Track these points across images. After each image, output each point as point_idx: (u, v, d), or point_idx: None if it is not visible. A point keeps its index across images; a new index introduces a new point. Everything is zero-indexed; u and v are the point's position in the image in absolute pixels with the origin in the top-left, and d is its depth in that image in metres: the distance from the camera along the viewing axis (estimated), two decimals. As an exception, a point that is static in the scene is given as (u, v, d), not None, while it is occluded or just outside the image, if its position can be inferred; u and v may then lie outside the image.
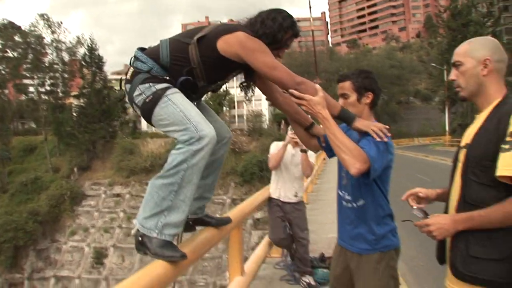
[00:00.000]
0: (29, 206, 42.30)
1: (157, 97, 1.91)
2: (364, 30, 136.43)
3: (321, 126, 2.13)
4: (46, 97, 53.39)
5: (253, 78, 2.21)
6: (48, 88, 53.57)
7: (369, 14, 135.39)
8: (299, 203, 5.02)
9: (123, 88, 2.12)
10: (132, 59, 2.07)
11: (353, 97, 2.26)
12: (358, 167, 1.98)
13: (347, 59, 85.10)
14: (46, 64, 52.95)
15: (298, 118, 2.39)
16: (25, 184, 46.11)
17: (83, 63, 51.80)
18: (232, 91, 64.61)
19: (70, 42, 54.65)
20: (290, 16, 2.07)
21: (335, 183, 8.89)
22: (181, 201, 1.88)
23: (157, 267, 1.71)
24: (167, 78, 1.98)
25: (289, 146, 4.86)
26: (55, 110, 51.65)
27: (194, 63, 1.98)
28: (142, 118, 2.06)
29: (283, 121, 52.88)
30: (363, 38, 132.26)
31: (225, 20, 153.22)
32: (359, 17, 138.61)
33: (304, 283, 4.74)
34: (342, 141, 2.00)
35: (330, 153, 2.35)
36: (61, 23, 53.20)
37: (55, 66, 53.70)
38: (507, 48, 42.55)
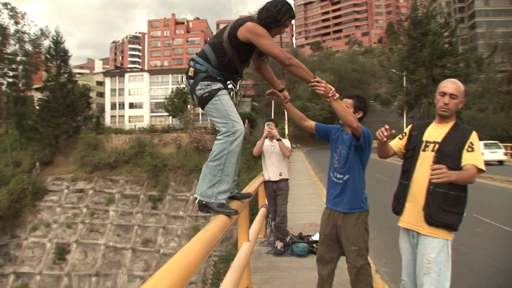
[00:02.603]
0: (-12, 201, 41.29)
1: (211, 95, 2.74)
2: (328, 34, 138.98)
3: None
4: (7, 89, 51.89)
5: (261, 54, 3.08)
6: (9, 80, 52.10)
7: (334, 18, 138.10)
8: (283, 182, 6.41)
9: (185, 82, 2.95)
10: (192, 62, 2.83)
11: (351, 110, 3.37)
12: (357, 123, 3.12)
13: (310, 62, 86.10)
14: (8, 56, 51.45)
15: (272, 83, 3.24)
16: (-17, 178, 45.01)
17: (47, 56, 50.81)
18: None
19: (34, 34, 53.36)
20: (288, 3, 2.83)
21: (300, 180, 10.40)
22: (226, 175, 2.74)
23: (220, 218, 2.49)
24: (220, 78, 2.78)
25: (267, 140, 6.42)
26: (16, 102, 50.28)
27: (230, 53, 2.75)
28: (198, 106, 2.88)
29: (246, 121, 53.78)
30: (327, 41, 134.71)
31: (190, 17, 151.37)
32: (323, 21, 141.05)
33: (275, 246, 6.15)
34: (347, 110, 3.10)
35: (318, 136, 3.69)
36: (25, 14, 51.99)
37: (18, 58, 52.35)
38: (461, 58, 45.11)
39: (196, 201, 2.79)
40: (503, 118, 36.05)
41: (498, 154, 24.47)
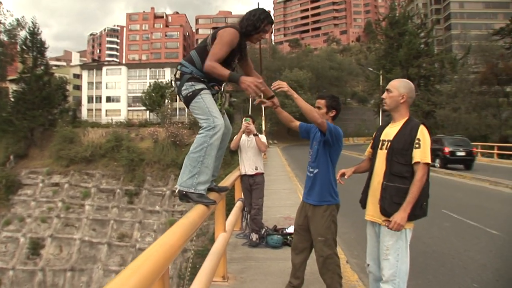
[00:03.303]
0: (-41, 194, 40.54)
1: (195, 94, 2.95)
2: (307, 31, 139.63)
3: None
4: (-20, 81, 50.67)
5: (242, 58, 3.25)
6: (-18, 70, 50.71)
7: (313, 15, 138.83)
8: (259, 176, 6.68)
9: (173, 84, 3.16)
10: (179, 66, 3.07)
11: (324, 110, 3.69)
12: (321, 119, 3.38)
13: (289, 58, 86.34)
14: (-19, 46, 50.20)
15: (264, 91, 3.38)
16: (-45, 171, 43.99)
17: (23, 47, 49.81)
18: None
19: (10, 24, 52.26)
20: (265, 11, 3.10)
21: (276, 175, 10.80)
22: (206, 167, 2.92)
23: (200, 208, 2.67)
24: (203, 80, 2.99)
25: (244, 135, 6.71)
26: (-10, 94, 49.21)
27: None
28: (183, 102, 3.03)
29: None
30: (305, 39, 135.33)
31: (169, 11, 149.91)
32: (302, 18, 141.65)
33: (250, 238, 6.40)
34: (310, 108, 3.37)
35: (301, 134, 3.96)
36: (1, 3, 50.95)
37: (-9, 48, 51.06)
38: (436, 59, 45.97)
39: (177, 191, 2.96)
40: (475, 118, 36.78)
41: None
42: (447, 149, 21.00)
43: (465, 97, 39.17)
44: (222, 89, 3.21)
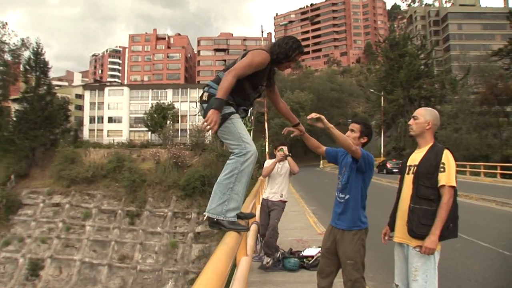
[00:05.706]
0: (-40, 214, 40.30)
1: (224, 118, 2.82)
2: (308, 53, 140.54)
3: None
4: (-18, 100, 50.75)
5: (270, 85, 3.26)
6: (-15, 90, 50.94)
7: (313, 37, 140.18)
8: (281, 203, 6.70)
9: (199, 107, 3.07)
10: (206, 88, 2.97)
11: (357, 134, 3.79)
12: (355, 147, 3.51)
13: (290, 80, 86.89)
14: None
15: (289, 118, 3.51)
16: (-44, 191, 43.80)
17: (27, 67, 50.18)
18: (176, 105, 65.30)
19: (14, 44, 52.90)
20: (298, 41, 3.11)
21: (291, 201, 10.62)
22: (236, 194, 2.85)
23: (233, 233, 2.68)
24: (231, 103, 2.89)
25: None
26: (-8, 113, 49.31)
27: (241, 78, 2.87)
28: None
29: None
30: (306, 60, 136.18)
31: (170, 32, 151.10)
32: (303, 40, 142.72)
33: (263, 262, 6.37)
34: (344, 136, 3.49)
35: (329, 159, 4.05)
36: (6, 24, 51.58)
37: (-5, 67, 51.49)
38: (436, 80, 46.31)
39: (205, 218, 2.88)
40: (476, 138, 36.95)
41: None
42: None
43: (465, 117, 39.40)
44: (249, 113, 3.22)
